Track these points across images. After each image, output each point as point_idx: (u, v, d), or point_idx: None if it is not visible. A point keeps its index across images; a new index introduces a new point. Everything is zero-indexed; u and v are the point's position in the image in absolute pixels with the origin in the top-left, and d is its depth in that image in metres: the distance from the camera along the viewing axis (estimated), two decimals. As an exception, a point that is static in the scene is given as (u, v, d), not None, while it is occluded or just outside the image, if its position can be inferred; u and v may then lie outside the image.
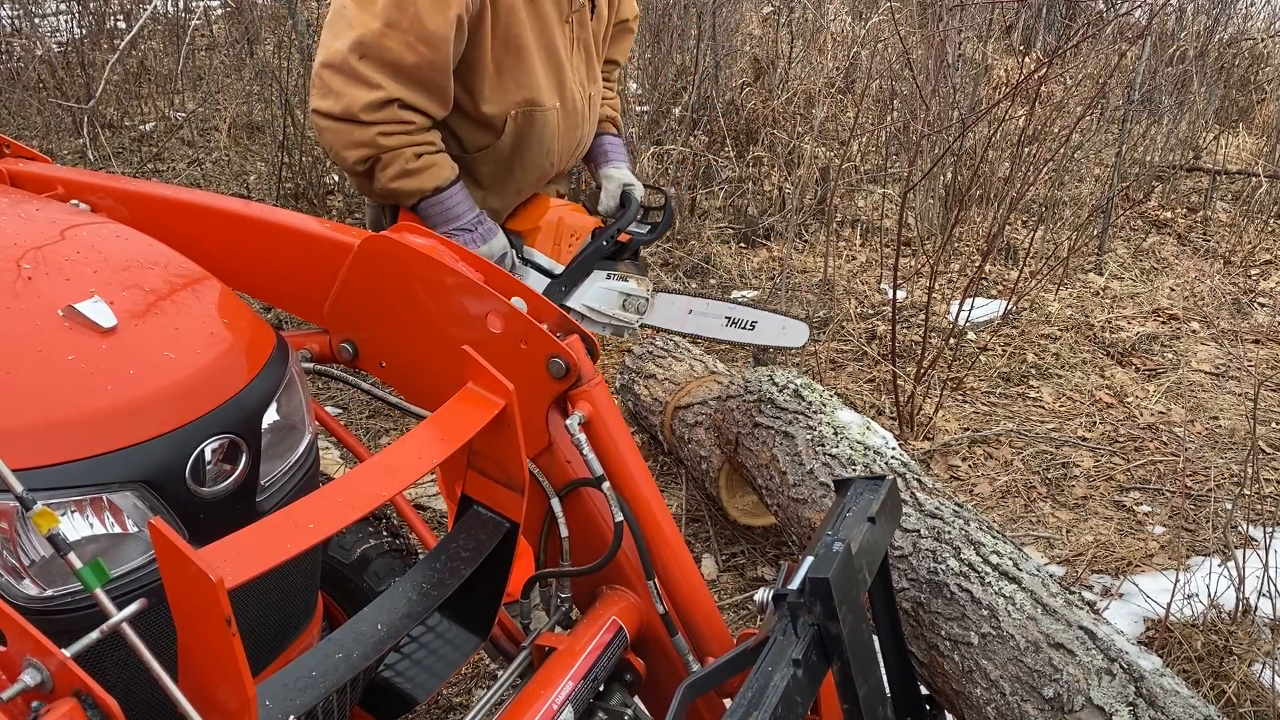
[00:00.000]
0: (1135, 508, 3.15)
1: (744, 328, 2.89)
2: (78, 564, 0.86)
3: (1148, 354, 4.17)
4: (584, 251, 2.27)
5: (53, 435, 1.03)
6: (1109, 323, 4.40)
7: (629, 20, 2.42)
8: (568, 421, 1.45)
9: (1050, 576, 1.90)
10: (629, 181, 2.36)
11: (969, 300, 3.91)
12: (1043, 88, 4.43)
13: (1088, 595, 2.69)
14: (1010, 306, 4.27)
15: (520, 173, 2.20)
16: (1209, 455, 3.42)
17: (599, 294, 2.30)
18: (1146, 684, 1.59)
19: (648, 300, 2.36)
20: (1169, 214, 5.72)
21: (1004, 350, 4.09)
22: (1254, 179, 5.82)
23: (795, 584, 1.27)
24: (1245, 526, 3.01)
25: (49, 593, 1.03)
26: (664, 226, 2.42)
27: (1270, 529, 2.92)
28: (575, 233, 2.27)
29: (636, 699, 1.52)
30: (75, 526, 1.03)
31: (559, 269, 2.26)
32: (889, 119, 5.66)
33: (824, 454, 2.36)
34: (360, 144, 1.94)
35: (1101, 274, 4.93)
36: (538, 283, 2.25)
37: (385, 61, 1.89)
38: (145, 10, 5.81)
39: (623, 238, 2.32)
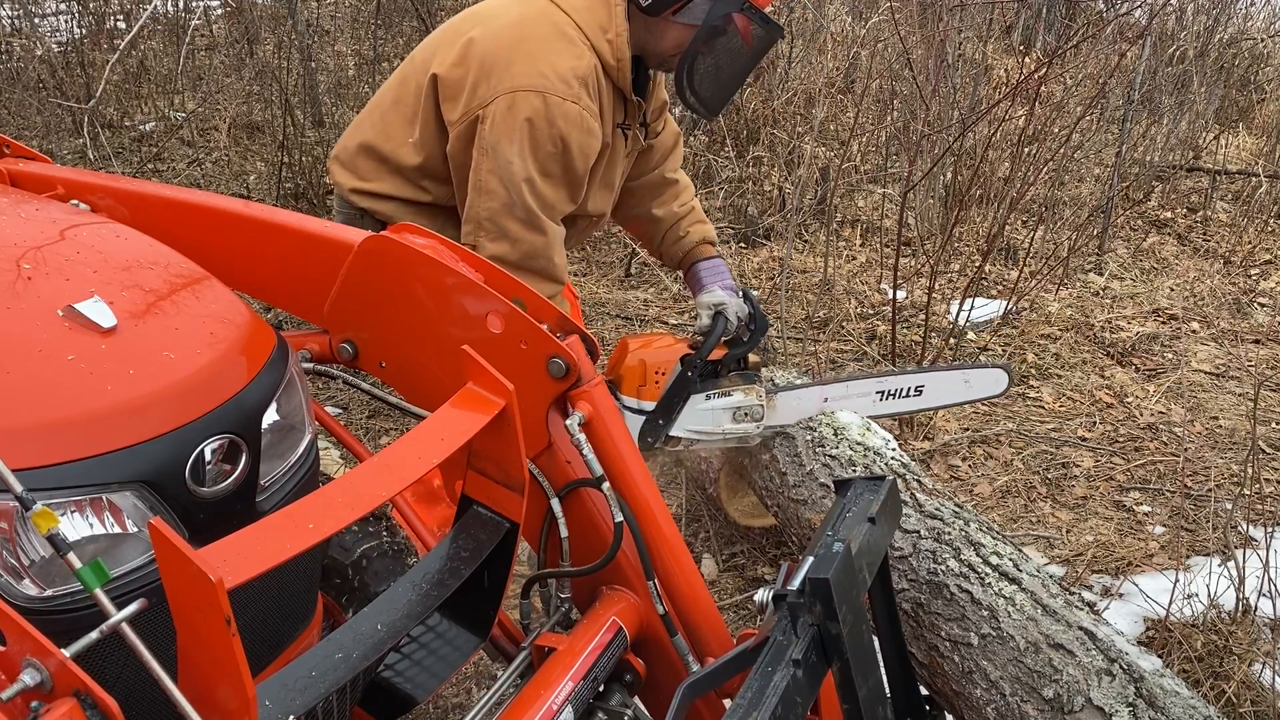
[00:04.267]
0: (1135, 508, 3.15)
1: (907, 395, 2.63)
2: (77, 564, 0.86)
3: (1148, 354, 4.17)
4: (674, 382, 2.32)
5: (53, 435, 1.03)
6: (1109, 323, 4.40)
7: (678, 140, 2.60)
8: (568, 422, 1.45)
9: (1050, 577, 1.90)
10: (719, 302, 2.41)
11: (969, 300, 3.91)
12: (1043, 88, 4.43)
13: (1088, 595, 2.69)
14: (1010, 306, 4.27)
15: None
16: (1209, 455, 3.42)
17: (700, 416, 2.36)
18: (1146, 684, 1.59)
19: (762, 407, 2.39)
20: (1169, 214, 5.72)
21: (1004, 350, 4.09)
22: (1254, 179, 5.82)
23: (795, 584, 1.27)
24: (1245, 526, 3.01)
25: (49, 593, 1.03)
26: (759, 332, 2.43)
27: (1270, 529, 2.92)
28: (660, 369, 2.34)
29: (636, 699, 1.52)
30: (75, 526, 1.03)
31: (649, 407, 2.34)
32: (889, 119, 5.66)
33: (824, 455, 2.36)
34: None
35: (1101, 274, 4.93)
36: (634, 423, 2.34)
37: (549, 206, 2.12)
38: (145, 10, 5.81)
39: (717, 354, 2.37)
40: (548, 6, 2.12)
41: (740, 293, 2.45)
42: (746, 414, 2.38)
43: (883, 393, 2.58)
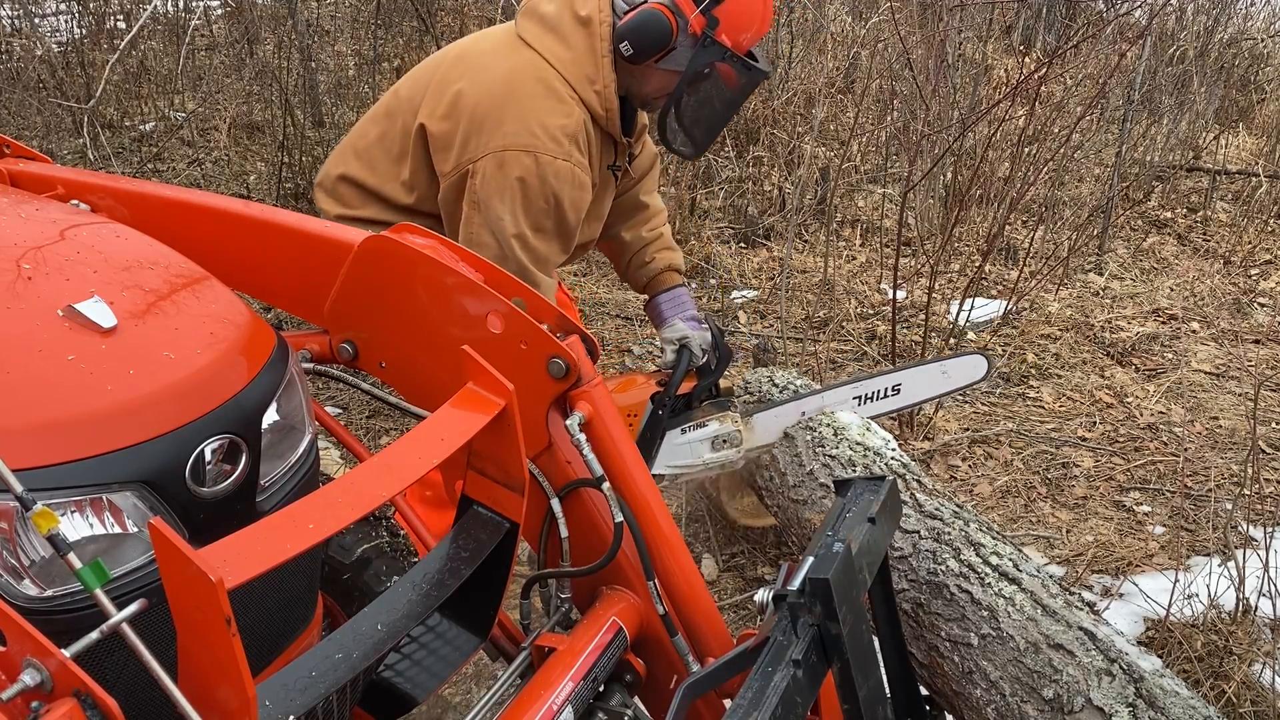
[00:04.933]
0: (1135, 508, 3.15)
1: (884, 396, 2.62)
2: (78, 564, 0.86)
3: (1148, 354, 4.17)
4: (646, 423, 2.32)
5: (53, 435, 1.03)
6: (1109, 323, 4.40)
7: (654, 162, 2.61)
8: (568, 422, 1.45)
9: (1050, 577, 1.90)
10: (682, 336, 2.43)
11: (969, 300, 3.91)
12: (1043, 88, 4.43)
13: (1088, 595, 2.69)
14: (1010, 306, 4.27)
15: None
16: (1209, 455, 3.42)
17: (679, 451, 2.37)
18: (1146, 685, 1.59)
19: (739, 431, 2.40)
20: (1169, 214, 5.72)
21: (1004, 350, 4.09)
22: (1254, 179, 5.82)
23: (795, 584, 1.27)
24: (1245, 526, 3.01)
25: (49, 593, 1.03)
26: (722, 363, 2.44)
27: (1270, 529, 2.92)
28: (632, 411, 2.33)
29: (636, 699, 1.52)
30: (75, 526, 1.03)
31: None
32: (889, 119, 5.66)
33: (824, 455, 2.36)
34: None
35: (1101, 274, 4.93)
36: None
37: (542, 260, 2.15)
38: (145, 10, 5.81)
39: (686, 387, 2.38)
40: (535, 60, 2.13)
41: (703, 323, 2.45)
42: (725, 441, 2.39)
43: (860, 397, 2.57)
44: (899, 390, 2.62)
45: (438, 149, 2.14)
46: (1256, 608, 2.39)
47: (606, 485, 1.46)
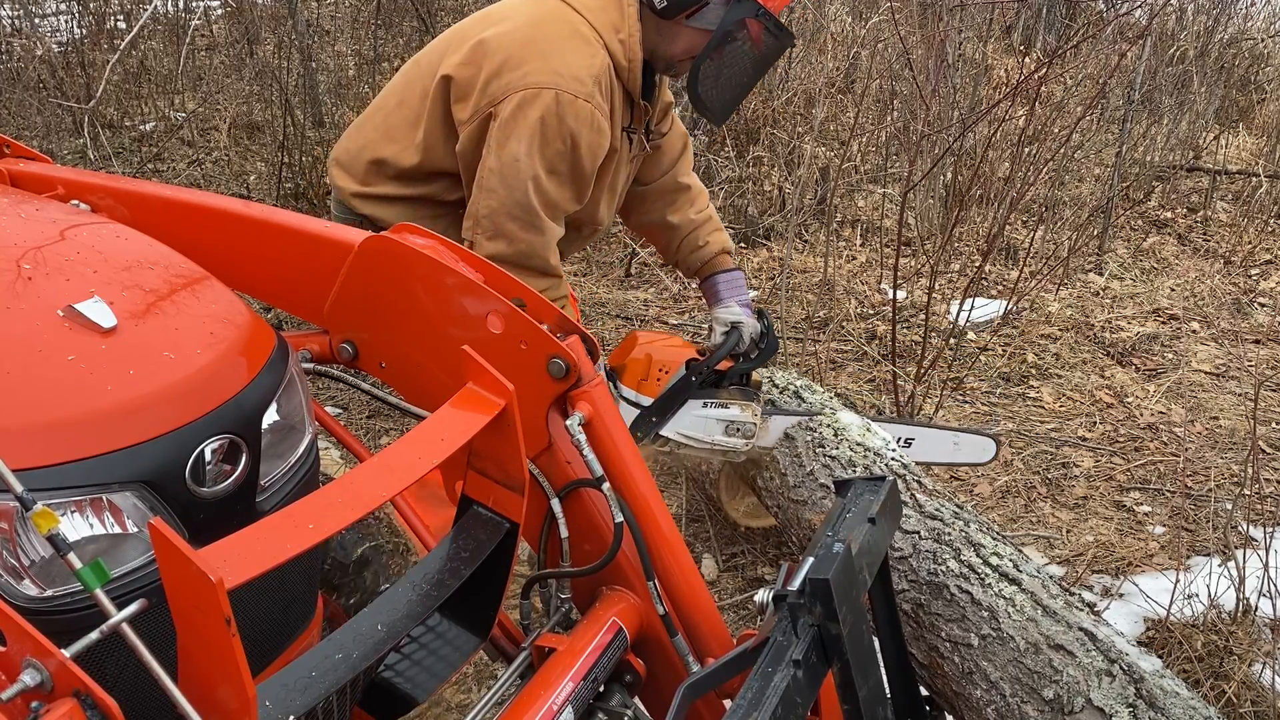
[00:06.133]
0: (1135, 508, 3.15)
1: (897, 445, 2.60)
2: (78, 564, 0.86)
3: (1148, 354, 4.17)
4: (674, 383, 2.33)
5: (53, 435, 1.03)
6: (1109, 323, 4.40)
7: (687, 143, 2.58)
8: (568, 422, 1.45)
9: (1050, 578, 1.90)
10: (736, 319, 2.43)
11: (969, 300, 3.91)
12: (1043, 88, 4.42)
13: (1088, 595, 2.69)
14: (1010, 306, 4.27)
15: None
16: (1209, 455, 3.42)
17: (694, 422, 2.36)
18: (1147, 685, 1.59)
19: (755, 425, 2.40)
20: (1169, 214, 5.72)
21: (1004, 350, 4.09)
22: (1254, 179, 5.82)
23: (795, 585, 1.27)
24: (1245, 526, 3.01)
25: (49, 593, 1.03)
26: (768, 352, 2.45)
27: (1270, 529, 2.92)
28: (664, 366, 2.36)
29: (636, 700, 1.52)
30: (75, 527, 1.03)
31: (647, 402, 2.35)
32: (889, 119, 5.66)
33: (824, 455, 2.36)
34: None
35: (1101, 274, 4.93)
36: (628, 414, 2.35)
37: (553, 205, 2.11)
38: (145, 10, 5.81)
39: (723, 366, 2.38)
40: (560, 7, 2.12)
41: (756, 312, 2.47)
42: (738, 429, 2.39)
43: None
44: (910, 444, 2.69)
45: (458, 97, 2.11)
46: (1256, 608, 2.39)
47: (606, 485, 1.46)
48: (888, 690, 1.45)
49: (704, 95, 2.19)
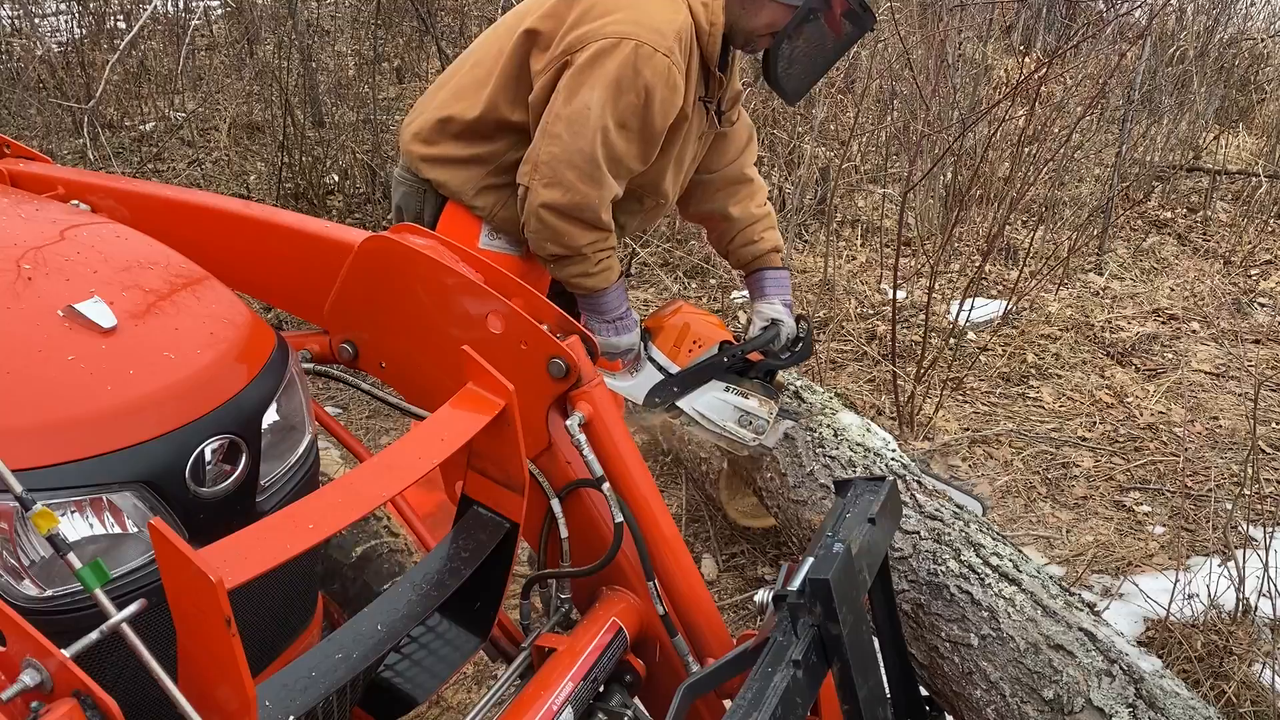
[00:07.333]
0: (1135, 508, 3.15)
1: None
2: (77, 564, 0.86)
3: (1148, 354, 4.17)
4: (704, 359, 2.34)
5: (53, 435, 1.03)
6: (1109, 323, 4.40)
7: (752, 135, 2.57)
8: (568, 422, 1.45)
9: (1050, 578, 1.90)
10: (778, 317, 2.44)
11: (969, 300, 3.91)
12: (1043, 88, 4.43)
13: (1088, 595, 2.69)
14: (1010, 306, 4.27)
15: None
16: (1209, 455, 3.42)
17: (712, 403, 2.37)
18: (1146, 685, 1.59)
19: (768, 422, 2.41)
20: (1169, 214, 5.72)
21: (1004, 350, 4.09)
22: (1254, 179, 5.82)
23: (795, 585, 1.27)
24: (1245, 526, 3.01)
25: (49, 593, 1.03)
26: (802, 355, 2.46)
27: (1270, 529, 2.92)
28: (699, 340, 2.37)
29: (636, 700, 1.52)
30: (75, 527, 1.03)
31: (674, 369, 2.36)
32: (889, 119, 5.66)
33: (824, 455, 2.36)
34: (568, 246, 2.12)
35: (1101, 274, 4.93)
36: (651, 376, 2.36)
37: (617, 160, 2.07)
38: (145, 10, 5.81)
39: (754, 358, 2.39)
40: None
41: (796, 316, 2.48)
42: (751, 422, 2.40)
43: None
44: None
45: (540, 48, 2.09)
46: (1256, 608, 2.39)
47: (606, 485, 1.46)
48: (888, 690, 1.45)
49: (781, 74, 2.16)
